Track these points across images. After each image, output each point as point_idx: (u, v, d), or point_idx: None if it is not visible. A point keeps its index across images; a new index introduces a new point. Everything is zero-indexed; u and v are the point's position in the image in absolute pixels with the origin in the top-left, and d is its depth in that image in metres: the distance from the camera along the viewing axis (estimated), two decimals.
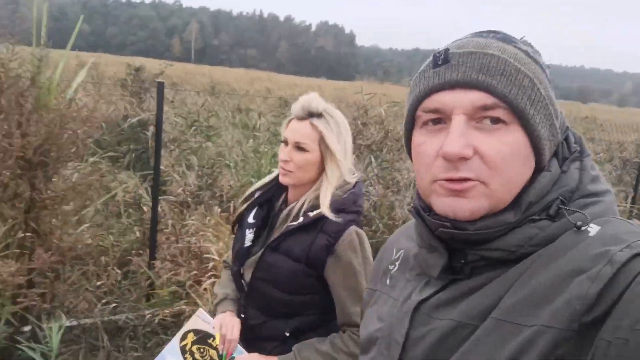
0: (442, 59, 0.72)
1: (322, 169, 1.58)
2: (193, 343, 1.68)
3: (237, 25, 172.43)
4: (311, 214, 1.53)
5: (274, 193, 1.70)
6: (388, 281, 0.87)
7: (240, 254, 1.65)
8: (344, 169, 1.58)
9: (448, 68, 0.71)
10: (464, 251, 0.72)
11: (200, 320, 1.68)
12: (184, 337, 1.69)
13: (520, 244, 0.68)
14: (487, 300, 0.66)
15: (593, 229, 0.66)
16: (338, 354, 1.52)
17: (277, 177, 1.66)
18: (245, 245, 1.64)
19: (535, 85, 0.70)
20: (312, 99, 1.58)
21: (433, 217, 0.73)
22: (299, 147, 1.56)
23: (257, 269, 1.59)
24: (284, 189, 1.68)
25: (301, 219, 1.55)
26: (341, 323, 1.58)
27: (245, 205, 1.71)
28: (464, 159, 0.68)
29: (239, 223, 1.72)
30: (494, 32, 0.75)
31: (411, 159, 0.79)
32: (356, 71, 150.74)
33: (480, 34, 0.75)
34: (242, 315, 1.66)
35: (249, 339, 1.65)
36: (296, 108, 1.59)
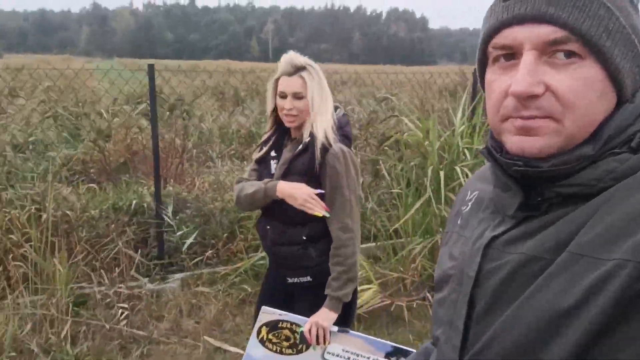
0: None
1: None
2: (268, 332, 1.97)
3: (310, 21, 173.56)
4: (306, 140, 1.90)
5: (280, 136, 2.06)
6: (459, 221, 0.86)
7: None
8: (330, 104, 1.95)
9: (517, 2, 0.67)
10: (540, 188, 0.69)
11: (266, 314, 1.97)
12: (259, 333, 1.98)
13: (599, 178, 0.64)
14: (561, 234, 0.64)
15: None
16: (343, 265, 1.90)
17: (277, 128, 2.05)
18: (272, 172, 2.02)
19: (614, 13, 0.65)
20: (294, 57, 1.92)
21: (505, 156, 0.71)
22: (297, 97, 1.91)
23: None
24: (286, 130, 2.05)
25: (301, 146, 1.92)
26: (328, 222, 1.93)
27: (265, 149, 2.07)
28: (534, 96, 0.65)
29: (261, 162, 2.09)
30: None
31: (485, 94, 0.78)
32: (431, 55, 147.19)
33: None
34: (267, 227, 2.04)
35: (273, 246, 2.03)
36: (284, 67, 1.92)
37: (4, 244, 3.33)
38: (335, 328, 1.90)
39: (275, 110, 2.02)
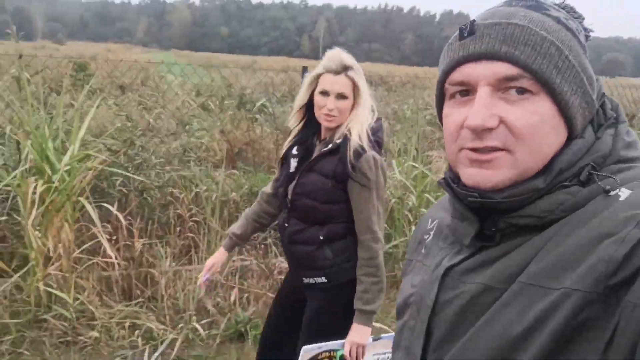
0: (467, 30, 0.72)
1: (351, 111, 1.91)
2: None
3: (361, 21, 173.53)
4: (338, 142, 1.86)
5: (308, 133, 2.02)
6: (423, 250, 0.88)
7: (287, 178, 2.00)
8: (370, 108, 1.91)
9: (473, 40, 0.70)
10: (494, 219, 0.71)
11: (307, 354, 1.90)
12: None
13: (551, 209, 0.67)
14: (514, 265, 0.66)
15: (624, 193, 0.65)
16: (371, 276, 1.87)
17: (306, 124, 2.00)
18: (291, 171, 1.99)
19: (563, 52, 0.68)
20: (342, 55, 1.86)
21: (461, 188, 0.74)
22: (342, 96, 1.85)
23: (296, 186, 1.95)
24: (316, 128, 2.00)
25: (330, 145, 1.88)
26: (358, 229, 1.90)
27: (287, 145, 2.06)
28: (489, 129, 0.68)
29: (284, 158, 2.06)
30: None
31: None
32: None
33: (509, 3, 0.74)
34: (286, 225, 2.01)
35: (290, 244, 2.01)
36: (330, 64, 1.85)
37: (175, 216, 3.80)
38: (370, 339, 1.90)
39: (306, 106, 1.98)
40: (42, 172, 3.15)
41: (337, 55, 1.86)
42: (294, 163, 1.99)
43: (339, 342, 1.90)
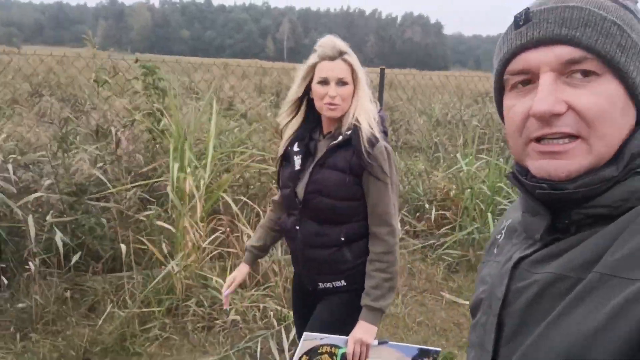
0: (523, 19, 0.71)
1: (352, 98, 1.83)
2: None
3: (325, 23, 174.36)
4: (348, 133, 1.78)
5: (308, 128, 1.92)
6: (495, 250, 0.87)
7: (292, 177, 1.90)
8: (369, 93, 1.83)
9: (530, 27, 0.69)
10: (567, 211, 0.69)
11: (308, 342, 1.85)
12: None
13: (626, 198, 0.65)
14: (588, 253, 0.64)
15: None
16: (384, 272, 1.79)
17: (306, 116, 1.92)
18: (296, 169, 1.89)
19: (625, 31, 0.67)
20: (336, 41, 1.80)
21: (530, 180, 0.72)
22: (342, 82, 1.77)
23: (309, 184, 1.84)
24: (316, 122, 1.92)
25: (340, 138, 1.79)
26: (373, 221, 1.82)
27: (286, 143, 1.96)
28: (557, 115, 0.66)
29: (285, 158, 1.97)
30: None
31: (504, 123, 0.78)
32: (445, 61, 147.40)
33: None
34: (297, 227, 1.90)
35: (303, 249, 1.89)
36: (325, 51, 1.79)
37: None
38: (376, 342, 1.81)
39: (302, 98, 1.89)
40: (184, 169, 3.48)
41: (330, 41, 1.79)
42: (298, 160, 1.89)
43: (342, 337, 1.81)
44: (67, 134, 4.10)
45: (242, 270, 2.08)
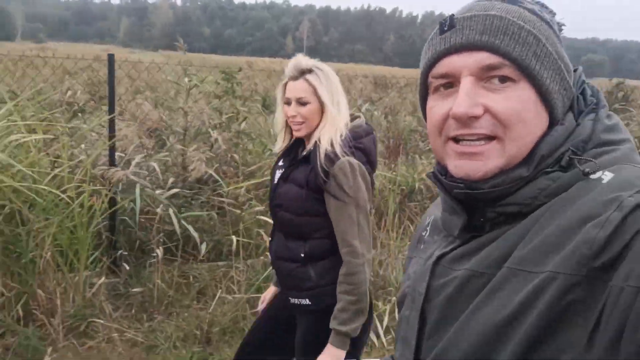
0: (447, 24, 0.74)
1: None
2: None
3: (344, 21, 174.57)
4: (310, 149, 1.80)
5: (294, 145, 1.94)
6: (422, 246, 0.90)
7: (271, 191, 1.97)
8: (342, 111, 1.82)
9: (453, 33, 0.72)
10: (482, 209, 0.73)
11: None
12: None
13: (534, 196, 0.68)
14: (500, 250, 0.68)
15: (607, 176, 0.65)
16: (351, 294, 1.73)
17: (291, 135, 1.92)
18: (274, 183, 1.93)
19: (541, 41, 0.70)
20: (301, 60, 1.81)
21: (448, 179, 0.75)
22: (301, 102, 1.78)
23: (274, 197, 1.89)
24: (302, 140, 1.92)
25: (304, 154, 1.83)
26: (339, 245, 1.77)
27: (275, 159, 2.02)
28: (474, 117, 0.69)
29: (273, 171, 2.01)
30: None
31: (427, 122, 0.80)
32: None
33: None
34: (271, 239, 1.98)
35: (275, 259, 1.93)
36: (289, 71, 1.81)
37: None
38: None
39: (286, 122, 1.91)
40: None
41: (294, 60, 1.82)
42: (278, 174, 1.93)
43: None
44: (173, 135, 4.44)
45: (270, 289, 2.18)
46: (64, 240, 3.15)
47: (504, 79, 0.69)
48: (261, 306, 2.16)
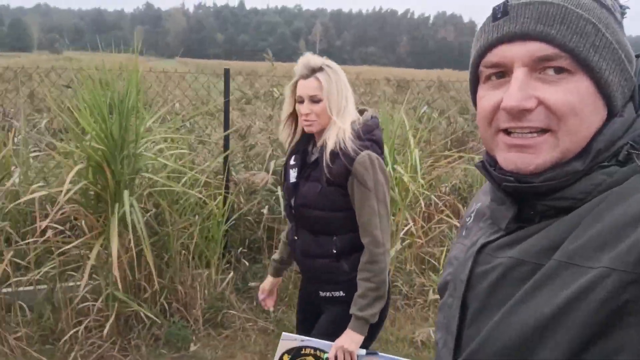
0: (501, 12, 0.71)
1: None
2: None
3: (357, 24, 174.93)
4: (327, 150, 1.81)
5: (305, 142, 2.00)
6: (464, 232, 0.89)
7: (288, 190, 2.00)
8: (350, 108, 1.87)
9: (507, 21, 0.70)
10: (532, 202, 0.71)
11: (286, 342, 1.88)
12: None
13: (588, 191, 0.66)
14: (548, 240, 0.66)
15: None
16: (371, 282, 1.81)
17: (303, 132, 1.96)
18: (291, 181, 1.97)
19: (600, 30, 0.67)
20: (310, 58, 1.86)
21: (498, 171, 0.73)
22: (313, 100, 1.84)
23: (297, 197, 1.93)
24: (312, 137, 1.98)
25: (317, 154, 1.88)
26: (360, 232, 1.85)
27: (285, 158, 2.07)
28: (527, 110, 0.67)
29: (285, 170, 2.05)
30: None
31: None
32: None
33: None
34: (295, 238, 1.99)
35: (304, 258, 1.97)
36: (300, 69, 1.86)
37: None
38: (363, 351, 1.82)
39: (292, 115, 1.98)
40: None
41: (304, 59, 1.87)
42: (293, 173, 1.97)
43: (327, 343, 1.83)
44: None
45: (268, 280, 2.24)
46: (201, 239, 3.45)
47: (559, 70, 0.67)
48: (261, 296, 2.25)
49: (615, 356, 0.55)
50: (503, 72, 0.71)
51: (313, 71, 1.85)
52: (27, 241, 2.99)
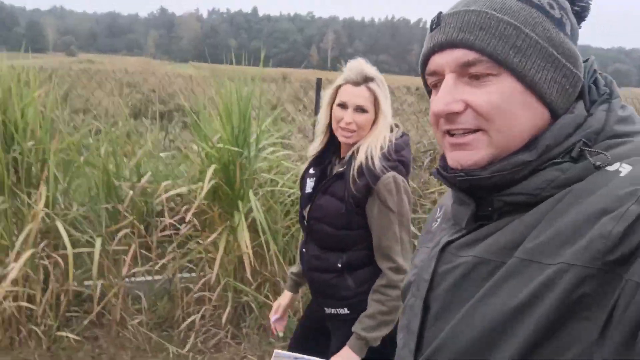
0: (435, 22, 0.75)
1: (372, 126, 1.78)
2: None
3: (369, 33, 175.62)
4: (355, 164, 1.71)
5: (328, 151, 1.89)
6: (428, 236, 0.91)
7: (303, 200, 1.92)
8: (389, 124, 1.78)
9: (438, 31, 0.74)
10: (489, 199, 0.73)
11: (280, 359, 1.82)
12: None
13: (542, 187, 0.68)
14: (508, 238, 0.68)
15: (624, 169, 0.64)
16: (384, 305, 1.72)
17: (328, 140, 1.86)
18: (307, 192, 1.89)
19: (522, 31, 0.70)
20: (364, 66, 1.75)
21: (449, 172, 0.77)
22: (361, 109, 1.73)
23: (311, 209, 1.84)
24: (337, 146, 1.87)
25: (345, 166, 1.76)
26: (376, 255, 1.78)
27: (306, 165, 1.97)
28: (456, 113, 0.71)
29: (302, 179, 1.96)
30: None
31: None
32: None
33: None
34: (304, 250, 1.93)
35: (309, 271, 1.89)
36: (351, 75, 1.74)
37: None
38: None
39: (329, 124, 1.84)
40: None
41: (357, 65, 1.76)
42: (310, 183, 1.89)
43: None
44: None
45: (286, 295, 2.10)
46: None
47: (484, 74, 0.70)
48: (274, 316, 2.08)
49: (568, 350, 0.57)
50: (440, 80, 0.75)
51: (365, 80, 1.75)
52: (161, 234, 3.23)
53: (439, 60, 0.73)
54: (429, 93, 0.81)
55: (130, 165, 3.46)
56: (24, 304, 3.02)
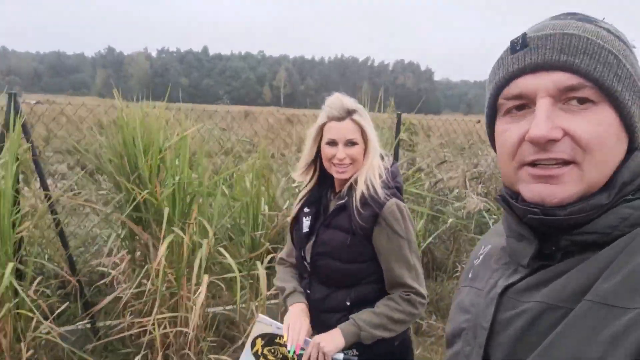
0: (520, 44, 0.71)
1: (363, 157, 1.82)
2: (263, 347, 1.80)
3: (319, 70, 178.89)
4: (357, 194, 1.74)
5: (321, 190, 1.92)
6: (470, 274, 0.87)
7: (300, 240, 1.92)
8: (378, 152, 1.82)
9: (527, 52, 0.70)
10: (554, 237, 0.70)
11: (262, 324, 1.82)
12: (253, 344, 1.82)
13: (614, 225, 0.66)
14: (577, 282, 0.65)
15: None
16: (393, 312, 1.73)
17: (318, 178, 1.90)
18: (304, 231, 1.90)
19: (621, 61, 0.69)
20: (343, 99, 1.79)
21: (521, 204, 0.72)
22: (351, 143, 1.77)
23: (315, 246, 1.84)
24: (328, 182, 1.90)
25: (346, 198, 1.79)
26: (389, 285, 1.78)
27: (298, 206, 1.97)
28: (553, 141, 0.67)
29: (296, 220, 1.96)
30: (572, 13, 0.73)
31: (494, 149, 0.78)
32: (437, 106, 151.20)
33: (557, 17, 0.74)
34: (308, 291, 1.90)
35: (314, 313, 1.87)
36: (333, 111, 1.78)
37: None
38: (341, 355, 1.72)
39: (315, 161, 1.88)
40: None
41: (337, 100, 1.79)
42: (307, 222, 1.90)
43: (307, 339, 1.75)
44: None
45: (303, 309, 1.88)
46: None
47: (583, 101, 0.68)
48: (295, 337, 1.80)
49: None
50: (524, 105, 0.72)
51: (349, 113, 1.79)
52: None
53: (531, 83, 0.71)
54: (491, 118, 0.79)
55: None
56: (183, 329, 3.28)
